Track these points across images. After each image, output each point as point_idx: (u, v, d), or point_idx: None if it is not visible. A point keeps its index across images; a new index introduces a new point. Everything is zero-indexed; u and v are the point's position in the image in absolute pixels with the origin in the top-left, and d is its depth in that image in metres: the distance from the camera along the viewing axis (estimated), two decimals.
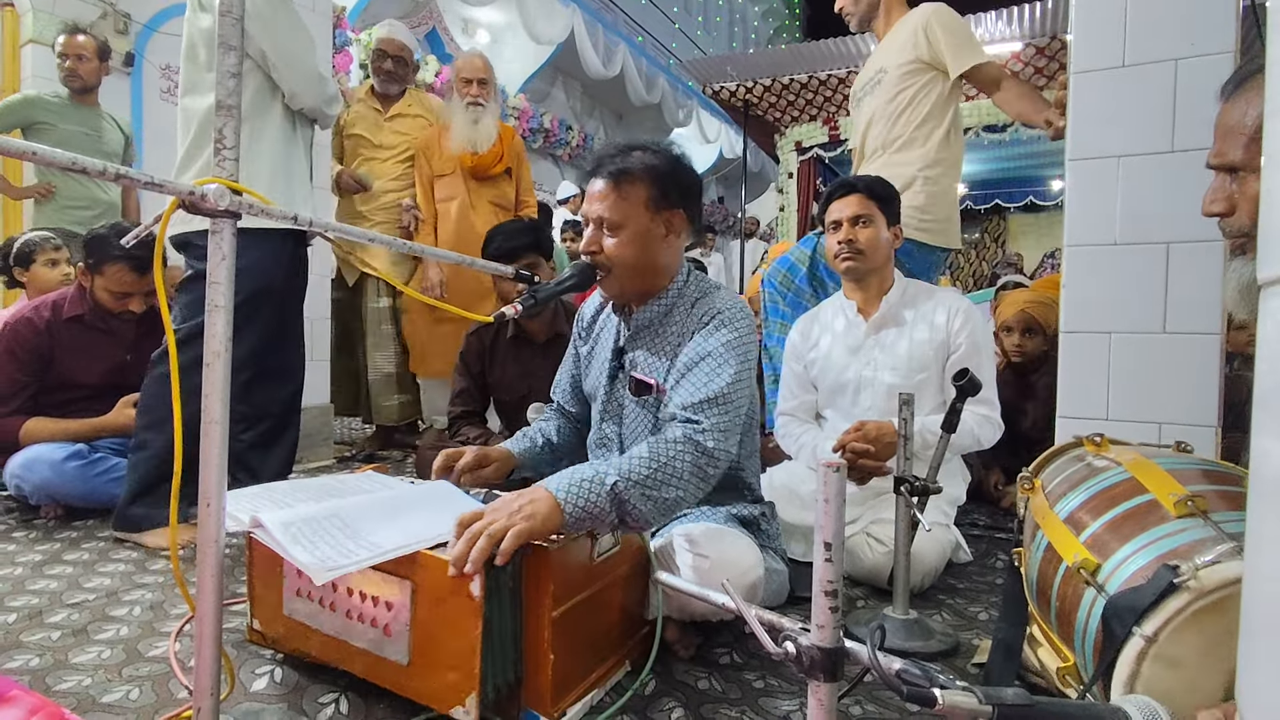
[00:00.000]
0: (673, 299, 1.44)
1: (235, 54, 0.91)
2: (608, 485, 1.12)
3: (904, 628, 1.41)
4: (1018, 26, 4.86)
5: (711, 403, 1.26)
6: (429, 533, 1.08)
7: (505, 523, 1.02)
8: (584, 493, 1.10)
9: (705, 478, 1.24)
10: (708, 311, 1.38)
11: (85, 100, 3.35)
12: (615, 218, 1.37)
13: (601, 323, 1.59)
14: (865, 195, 1.87)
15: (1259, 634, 0.56)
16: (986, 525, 2.30)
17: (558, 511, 1.07)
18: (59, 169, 0.79)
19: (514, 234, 2.35)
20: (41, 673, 1.20)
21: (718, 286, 1.47)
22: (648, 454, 1.19)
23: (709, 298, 1.42)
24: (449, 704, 1.00)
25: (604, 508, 1.12)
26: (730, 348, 1.32)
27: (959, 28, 2.26)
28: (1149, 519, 0.90)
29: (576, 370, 1.67)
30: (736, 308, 1.39)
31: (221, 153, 0.92)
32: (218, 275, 0.91)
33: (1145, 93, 1.68)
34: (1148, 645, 0.77)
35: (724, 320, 1.36)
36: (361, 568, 1.00)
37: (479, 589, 0.97)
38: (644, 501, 1.15)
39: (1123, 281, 1.72)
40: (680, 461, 1.20)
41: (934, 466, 1.42)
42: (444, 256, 1.31)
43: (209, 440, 0.90)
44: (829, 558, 0.76)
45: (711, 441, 1.23)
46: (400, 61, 3.26)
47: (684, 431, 1.23)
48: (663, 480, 1.18)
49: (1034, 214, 10.26)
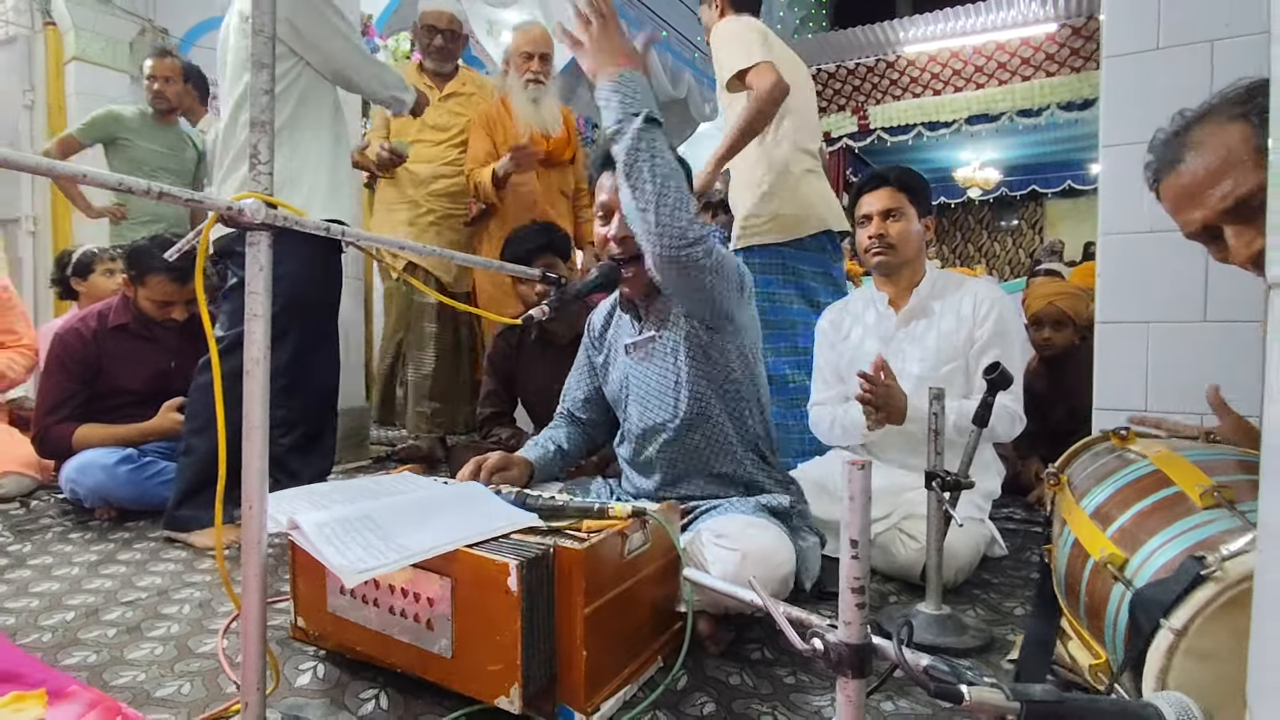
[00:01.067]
0: None
1: (268, 71, 0.94)
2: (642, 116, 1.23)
3: (937, 623, 1.40)
4: (1052, 7, 4.77)
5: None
6: (459, 534, 1.10)
7: None
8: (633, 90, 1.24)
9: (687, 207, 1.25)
10: None
11: (166, 120, 3.47)
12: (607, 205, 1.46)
13: (613, 329, 1.63)
14: (896, 188, 1.85)
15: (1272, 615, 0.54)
16: (1022, 519, 2.27)
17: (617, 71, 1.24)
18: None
19: (528, 236, 2.32)
20: (99, 668, 1.26)
21: None
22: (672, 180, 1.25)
23: None
24: (493, 695, 1.03)
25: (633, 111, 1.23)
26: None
27: (721, 42, 2.25)
28: (1175, 511, 0.89)
29: (591, 379, 1.71)
30: None
31: (257, 167, 0.95)
32: (256, 285, 0.94)
33: (1181, 76, 1.64)
34: (1177, 639, 0.76)
35: None
36: (390, 570, 1.03)
37: (516, 584, 1.00)
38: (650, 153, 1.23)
39: (1160, 270, 1.68)
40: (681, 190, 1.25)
41: (965, 461, 1.41)
42: (471, 261, 1.34)
43: (250, 445, 0.94)
44: (855, 554, 0.76)
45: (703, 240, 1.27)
46: (451, 35, 2.97)
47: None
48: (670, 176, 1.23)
49: (1072, 199, 10.04)
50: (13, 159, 0.72)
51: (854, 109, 6.43)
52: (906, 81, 5.94)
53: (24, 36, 4.69)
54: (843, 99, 6.32)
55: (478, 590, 1.05)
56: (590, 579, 1.06)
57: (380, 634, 1.16)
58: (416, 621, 1.11)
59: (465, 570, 1.06)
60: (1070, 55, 5.30)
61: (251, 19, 0.94)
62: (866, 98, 6.26)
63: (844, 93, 6.21)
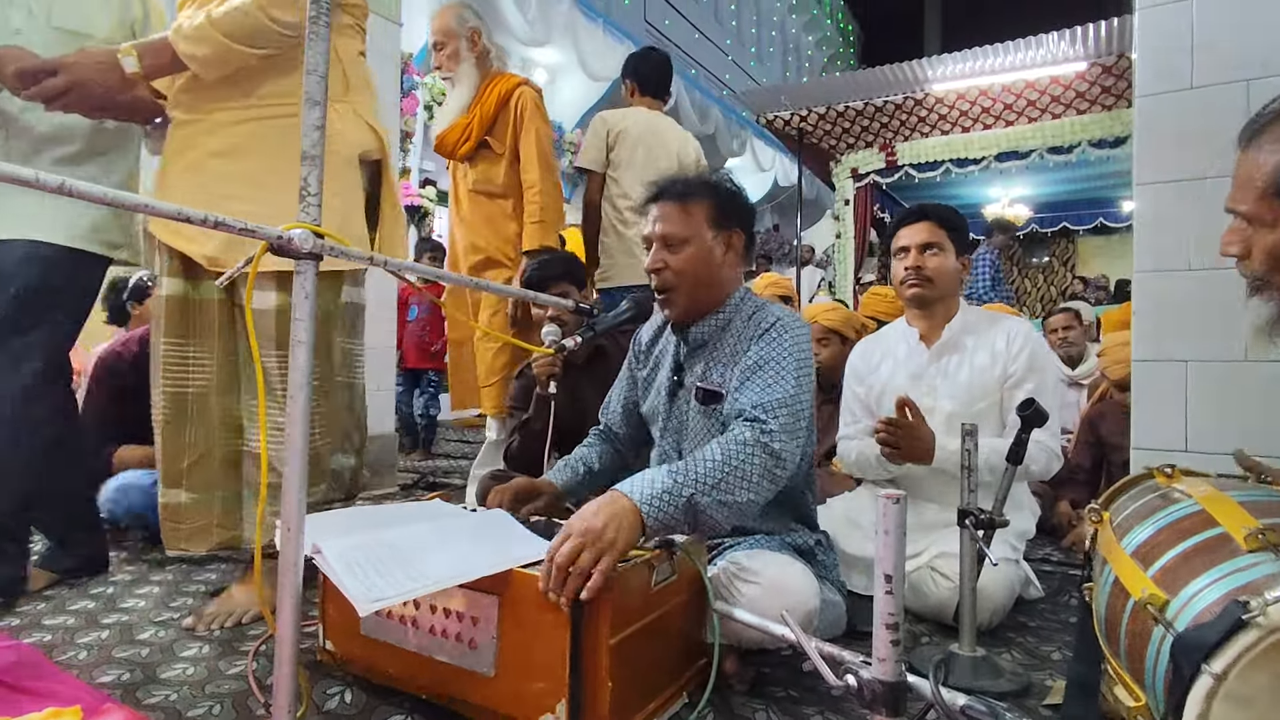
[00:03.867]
0: (730, 313, 1.49)
1: (319, 109, 0.98)
2: (684, 497, 1.15)
3: (971, 665, 1.37)
4: (1081, 46, 4.77)
5: (779, 405, 1.29)
6: (481, 563, 1.11)
7: (594, 553, 1.03)
8: (664, 505, 1.14)
9: (774, 479, 1.26)
10: (764, 319, 1.43)
11: None
12: (681, 233, 1.45)
13: (661, 346, 1.63)
14: (935, 223, 1.85)
15: None
16: (1059, 561, 2.21)
17: (640, 526, 1.11)
18: None
19: (545, 264, 2.23)
20: (132, 687, 1.27)
21: (766, 303, 1.51)
22: (720, 456, 1.21)
23: (765, 309, 1.47)
24: (538, 712, 1.04)
25: (680, 517, 1.15)
26: (791, 354, 1.37)
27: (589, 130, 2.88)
28: (1219, 553, 0.87)
29: (632, 393, 1.69)
30: (793, 317, 1.44)
31: (306, 199, 0.99)
32: (301, 312, 0.97)
33: (1215, 115, 1.63)
34: (1217, 684, 0.74)
35: (784, 327, 1.40)
36: (404, 599, 1.04)
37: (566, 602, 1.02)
38: (718, 508, 1.18)
39: (1199, 308, 1.66)
40: (750, 464, 1.22)
41: (999, 499, 1.38)
42: (504, 291, 1.36)
43: (290, 470, 0.96)
44: (889, 590, 0.75)
45: (778, 444, 1.26)
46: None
47: (752, 433, 1.25)
48: (734, 484, 1.20)
49: (1105, 236, 9.92)
50: (80, 190, 0.76)
51: (881, 145, 6.45)
52: (935, 119, 5.96)
53: None
54: (870, 135, 6.34)
55: (527, 608, 1.06)
56: (617, 609, 1.06)
57: (415, 655, 1.16)
58: (459, 641, 1.12)
59: (515, 588, 1.08)
60: (1101, 93, 5.29)
61: (306, 59, 0.98)
62: (894, 134, 6.28)
63: (871, 129, 6.24)
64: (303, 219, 0.98)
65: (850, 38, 17.95)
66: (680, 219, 1.45)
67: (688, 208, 1.45)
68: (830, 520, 1.86)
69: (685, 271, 1.45)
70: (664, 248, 1.45)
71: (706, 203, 1.46)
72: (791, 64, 14.97)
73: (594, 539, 1.05)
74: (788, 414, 1.29)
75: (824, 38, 16.18)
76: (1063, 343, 3.43)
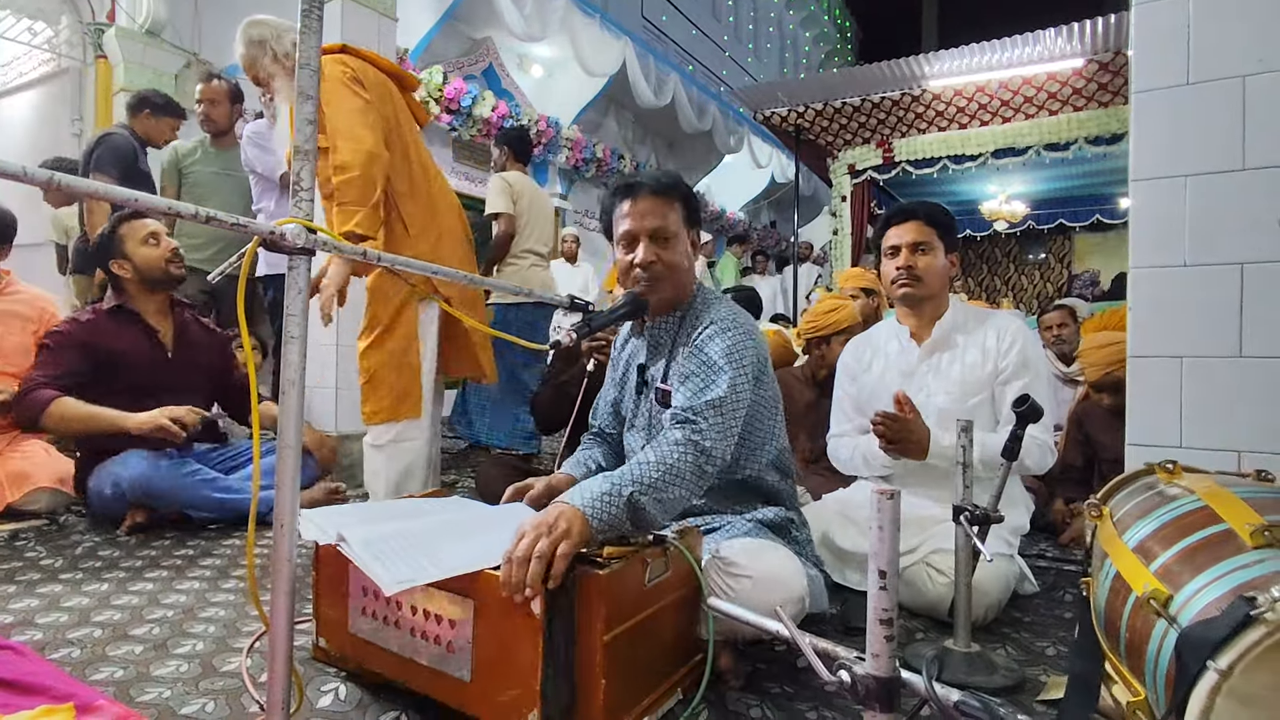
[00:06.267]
0: (683, 310, 1.53)
1: (312, 103, 0.98)
2: (624, 496, 1.18)
3: (966, 661, 1.37)
4: (1079, 43, 4.77)
5: (708, 406, 1.33)
6: (500, 552, 1.11)
7: (551, 539, 1.05)
8: (607, 506, 1.15)
9: (704, 476, 1.30)
10: (705, 319, 1.47)
11: (223, 143, 3.56)
12: (671, 228, 1.47)
13: (629, 347, 1.66)
14: (925, 222, 1.85)
15: None
16: (1054, 557, 2.22)
17: (587, 527, 1.12)
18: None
19: None
20: (125, 684, 1.27)
21: (719, 297, 1.54)
22: (654, 457, 1.26)
23: (711, 307, 1.50)
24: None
25: (622, 517, 1.17)
26: (726, 354, 1.39)
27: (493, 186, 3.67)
28: (1224, 549, 0.87)
29: (617, 393, 1.71)
30: (731, 316, 1.46)
31: (299, 194, 0.98)
32: (294, 308, 0.97)
33: (1212, 111, 1.63)
34: (1221, 680, 0.74)
35: (722, 328, 1.43)
36: (430, 581, 1.05)
37: (539, 607, 1.00)
38: (655, 506, 1.21)
39: (1194, 304, 1.65)
40: (682, 462, 1.26)
41: (995, 494, 1.39)
42: (499, 285, 1.36)
43: (283, 464, 0.95)
44: (883, 585, 0.75)
45: (709, 441, 1.30)
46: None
47: (684, 433, 1.30)
48: (669, 481, 1.24)
49: (1102, 233, 9.93)
50: (70, 184, 0.75)
51: (878, 142, 6.45)
52: (932, 115, 5.95)
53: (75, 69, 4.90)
54: (867, 132, 6.34)
55: (500, 613, 1.04)
56: (611, 606, 1.06)
57: (399, 657, 1.16)
58: (437, 644, 1.11)
59: (488, 592, 1.06)
60: (1098, 90, 5.29)
61: (298, 53, 0.97)
62: (891, 131, 6.28)
63: (869, 126, 6.23)
64: (294, 214, 0.97)
65: (848, 34, 17.92)
66: (666, 214, 1.47)
67: (671, 203, 1.47)
68: (824, 516, 1.87)
69: (673, 265, 1.47)
70: (652, 241, 1.46)
71: (680, 200, 1.49)
72: (789, 60, 14.94)
73: (547, 529, 1.07)
74: (716, 414, 1.33)
75: (821, 34, 16.14)
76: (1056, 340, 3.44)
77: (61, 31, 4.98)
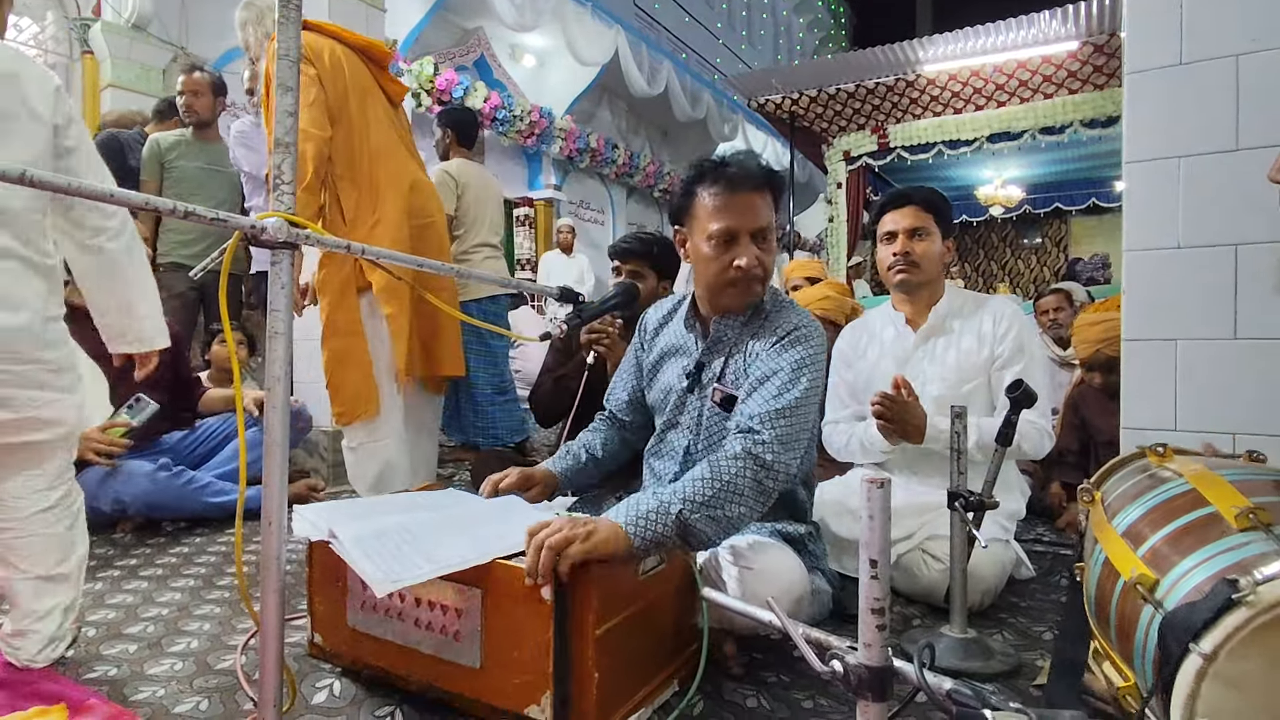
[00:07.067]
0: (750, 312, 1.45)
1: (292, 95, 0.96)
2: (673, 515, 1.14)
3: (962, 647, 1.37)
4: (1074, 25, 4.73)
5: (778, 415, 1.27)
6: (494, 546, 1.11)
7: (567, 534, 1.03)
8: (651, 524, 1.12)
9: (765, 492, 1.24)
10: (782, 326, 1.40)
11: (206, 135, 3.47)
12: (772, 225, 1.40)
13: (670, 335, 1.57)
14: (921, 207, 1.83)
15: None
16: (1051, 541, 2.22)
17: (624, 540, 1.09)
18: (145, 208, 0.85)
19: (634, 238, 2.12)
20: (119, 683, 1.26)
21: (791, 302, 1.48)
22: (709, 474, 1.20)
23: (784, 313, 1.43)
24: (523, 704, 1.04)
25: (670, 535, 1.14)
26: (802, 364, 1.34)
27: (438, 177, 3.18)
28: (1209, 532, 0.86)
29: (638, 380, 1.65)
30: (811, 325, 1.40)
31: (280, 187, 0.97)
32: (278, 303, 0.96)
33: (1205, 91, 1.62)
34: (1206, 664, 0.73)
35: (799, 337, 1.38)
36: (421, 580, 1.04)
37: (549, 593, 1.01)
38: (708, 524, 1.17)
39: (1188, 286, 1.65)
40: (741, 478, 1.21)
41: (989, 480, 1.38)
42: (486, 277, 1.35)
43: (270, 461, 0.95)
44: (875, 574, 0.75)
45: (770, 455, 1.24)
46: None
47: (743, 445, 1.24)
48: (725, 499, 1.19)
49: (1098, 216, 9.91)
50: (41, 178, 0.74)
51: (874, 128, 6.41)
52: (927, 100, 5.92)
53: (62, 64, 4.85)
54: (862, 118, 6.30)
55: (510, 600, 1.06)
56: (603, 598, 1.05)
57: (401, 648, 1.16)
58: (443, 634, 1.11)
59: (497, 581, 1.07)
60: (1094, 72, 5.26)
61: (277, 44, 0.96)
62: (886, 116, 6.24)
63: (864, 111, 6.19)
64: (277, 207, 0.96)
65: (842, 19, 17.83)
66: (769, 211, 1.38)
67: (770, 200, 1.38)
68: (821, 504, 1.86)
69: (770, 265, 1.40)
70: (755, 242, 1.37)
71: (773, 193, 1.40)
72: (784, 46, 14.86)
73: (573, 525, 1.05)
74: (786, 424, 1.27)
75: (815, 20, 16.06)
76: (1053, 324, 3.43)
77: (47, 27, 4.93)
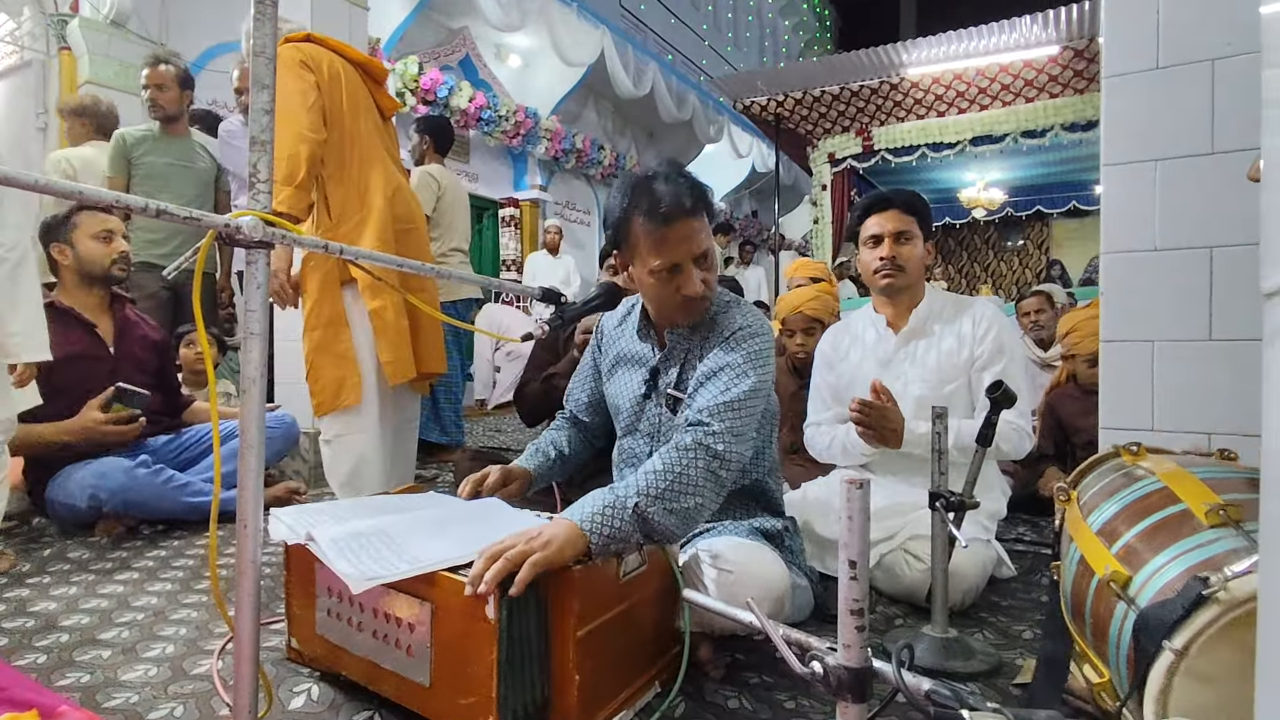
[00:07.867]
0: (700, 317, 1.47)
1: (268, 92, 0.95)
2: (629, 507, 1.14)
3: (943, 647, 1.37)
4: (1054, 30, 4.79)
5: (725, 407, 1.29)
6: (473, 547, 1.08)
7: (524, 548, 1.01)
8: (607, 520, 1.11)
9: (719, 481, 1.26)
10: (729, 325, 1.42)
11: (174, 130, 3.38)
12: (712, 248, 1.41)
13: (625, 342, 1.59)
14: (903, 210, 1.84)
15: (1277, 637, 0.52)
16: (1032, 540, 2.24)
17: (580, 539, 1.08)
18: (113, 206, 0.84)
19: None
20: (92, 689, 1.24)
21: (736, 301, 1.50)
22: (662, 466, 1.21)
23: (729, 313, 1.45)
24: None
25: (629, 530, 1.13)
26: (750, 360, 1.36)
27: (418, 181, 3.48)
28: (1181, 529, 0.87)
29: (595, 384, 1.68)
30: (759, 321, 1.42)
31: (256, 186, 0.96)
32: (253, 303, 0.94)
33: (1182, 94, 1.64)
34: (1178, 660, 0.74)
35: (748, 334, 1.39)
36: (398, 579, 1.02)
37: (494, 611, 0.96)
38: (666, 516, 1.17)
39: (1164, 288, 1.67)
40: (694, 468, 1.22)
41: (970, 481, 1.39)
42: (471, 279, 1.34)
43: (245, 464, 0.93)
44: (854, 575, 0.75)
45: (721, 445, 1.26)
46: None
47: (693, 437, 1.26)
48: (680, 490, 1.20)
49: (1079, 219, 10.02)
50: (10, 177, 0.73)
51: (858, 130, 6.45)
52: (910, 103, 5.96)
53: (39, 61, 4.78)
54: (847, 120, 6.34)
55: (457, 616, 1.01)
56: (584, 601, 1.04)
57: (366, 659, 1.14)
58: (398, 647, 1.08)
59: (445, 595, 1.02)
60: (1074, 77, 5.32)
61: (252, 40, 0.95)
62: (870, 119, 6.28)
63: (848, 114, 6.23)
64: (253, 206, 0.95)
65: (827, 22, 17.92)
66: (706, 233, 1.39)
67: (705, 221, 1.39)
68: (805, 504, 1.87)
69: (713, 282, 1.42)
70: (698, 266, 1.38)
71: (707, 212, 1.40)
72: (769, 49, 14.91)
73: (527, 538, 1.03)
74: (734, 416, 1.29)
75: (801, 22, 16.12)
76: (1034, 326, 3.47)
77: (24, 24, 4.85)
